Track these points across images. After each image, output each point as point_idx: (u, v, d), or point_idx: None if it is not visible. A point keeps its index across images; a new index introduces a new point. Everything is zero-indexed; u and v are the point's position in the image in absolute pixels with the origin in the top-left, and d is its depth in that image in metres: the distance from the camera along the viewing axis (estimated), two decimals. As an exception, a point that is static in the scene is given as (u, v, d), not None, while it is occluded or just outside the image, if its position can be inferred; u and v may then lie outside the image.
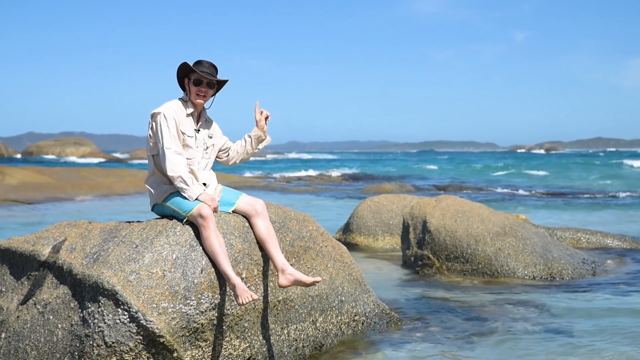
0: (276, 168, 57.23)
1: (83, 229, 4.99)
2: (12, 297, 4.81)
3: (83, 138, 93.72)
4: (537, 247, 8.75)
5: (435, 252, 8.87)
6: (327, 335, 5.36)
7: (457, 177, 41.04)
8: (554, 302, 7.07)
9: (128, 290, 4.38)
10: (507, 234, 8.80)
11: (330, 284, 5.53)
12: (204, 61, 5.02)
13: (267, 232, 4.95)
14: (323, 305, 5.40)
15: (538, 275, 8.41)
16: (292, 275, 4.77)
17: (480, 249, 8.63)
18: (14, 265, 4.94)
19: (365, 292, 5.95)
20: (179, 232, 4.76)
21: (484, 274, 8.48)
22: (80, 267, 4.58)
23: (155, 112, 4.89)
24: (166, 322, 4.39)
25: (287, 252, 5.21)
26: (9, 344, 4.60)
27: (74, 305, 4.51)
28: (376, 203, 11.44)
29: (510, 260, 8.52)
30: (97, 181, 24.71)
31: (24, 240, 5.00)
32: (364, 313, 5.78)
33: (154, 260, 4.57)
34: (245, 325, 4.78)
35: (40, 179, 23.38)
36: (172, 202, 4.85)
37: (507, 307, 6.84)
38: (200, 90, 4.98)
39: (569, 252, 9.12)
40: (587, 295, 7.48)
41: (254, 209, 5.00)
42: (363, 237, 11.09)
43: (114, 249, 4.65)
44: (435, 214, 9.11)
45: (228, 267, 4.58)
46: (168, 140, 4.80)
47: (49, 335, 4.49)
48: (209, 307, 4.58)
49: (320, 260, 5.53)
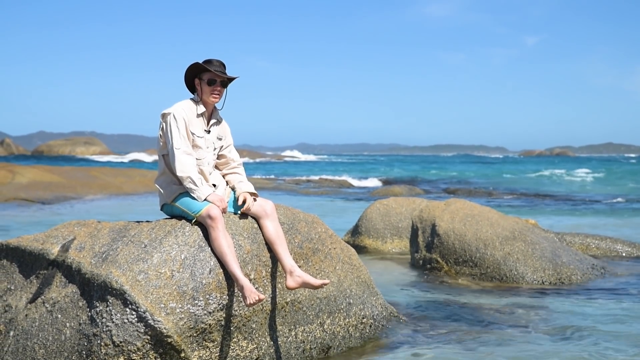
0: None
1: (92, 228, 5.00)
2: (21, 296, 4.82)
3: (93, 137, 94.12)
4: (546, 252, 8.72)
5: (444, 256, 8.84)
6: (334, 338, 5.35)
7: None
8: (563, 307, 7.04)
9: (136, 290, 4.39)
10: (516, 239, 8.76)
11: (338, 286, 5.52)
12: (214, 60, 5.02)
13: (276, 233, 4.94)
14: (331, 308, 5.39)
15: (547, 280, 8.37)
16: (300, 277, 4.76)
17: (489, 253, 8.60)
18: (23, 263, 4.95)
19: (373, 295, 5.94)
20: (188, 233, 4.76)
21: (492, 278, 8.45)
22: (89, 266, 4.59)
23: (166, 112, 4.90)
24: (174, 322, 4.39)
25: (295, 253, 5.21)
26: (17, 342, 4.61)
27: (82, 304, 4.52)
28: (385, 206, 11.42)
29: (519, 265, 8.49)
30: (106, 181, 24.78)
31: (33, 238, 5.01)
32: (372, 315, 5.77)
33: (163, 261, 4.57)
34: (253, 327, 4.78)
35: (50, 177, 23.47)
36: (181, 202, 4.85)
37: (516, 312, 6.81)
38: (215, 90, 4.99)
39: (578, 257, 9.08)
40: (597, 300, 7.44)
41: (263, 210, 5.00)
42: (372, 239, 11.07)
43: (123, 248, 4.66)
44: (444, 218, 9.09)
45: (236, 268, 4.58)
46: (178, 141, 4.80)
47: (57, 334, 4.50)
48: (217, 307, 4.58)
49: (329, 263, 5.52)
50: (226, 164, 5.23)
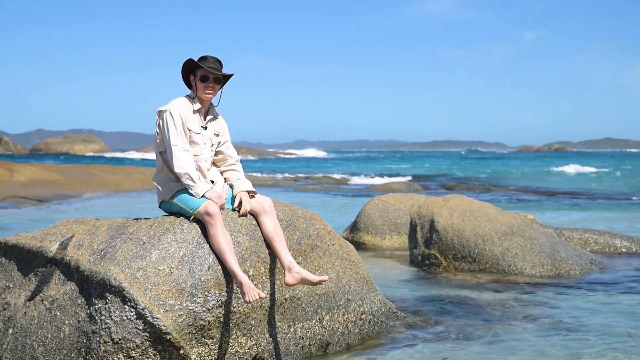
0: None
1: (91, 226, 5.00)
2: (20, 293, 4.82)
3: (92, 135, 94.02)
4: (544, 247, 8.73)
5: (443, 252, 8.85)
6: (333, 334, 5.36)
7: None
8: (561, 302, 7.05)
9: (135, 287, 4.39)
10: (514, 234, 8.77)
11: (337, 282, 5.53)
12: (209, 56, 5.02)
13: (275, 230, 4.94)
14: (330, 304, 5.39)
15: (545, 275, 8.38)
16: (298, 274, 4.77)
17: (488, 248, 8.61)
18: (21, 261, 4.95)
19: (372, 291, 5.94)
20: (186, 230, 4.76)
21: (491, 273, 8.46)
22: (88, 263, 4.58)
23: (162, 109, 4.90)
24: (173, 319, 4.39)
25: (294, 250, 5.21)
26: (16, 340, 4.61)
27: (81, 301, 4.52)
28: (384, 202, 11.42)
29: (518, 260, 8.50)
30: (105, 178, 24.76)
31: (31, 236, 5.01)
32: (371, 312, 5.77)
33: (161, 258, 4.57)
34: (252, 323, 4.78)
35: (48, 175, 23.45)
36: (179, 199, 4.85)
37: (514, 307, 6.82)
38: (207, 86, 4.98)
39: (576, 252, 9.09)
40: (595, 295, 7.45)
41: (262, 206, 5.00)
42: (370, 235, 11.07)
43: (122, 245, 4.66)
44: (442, 213, 9.09)
45: (235, 265, 4.58)
46: (175, 137, 4.80)
47: (56, 332, 4.50)
48: (216, 304, 4.58)
49: (327, 259, 5.53)
50: (224, 161, 5.22)
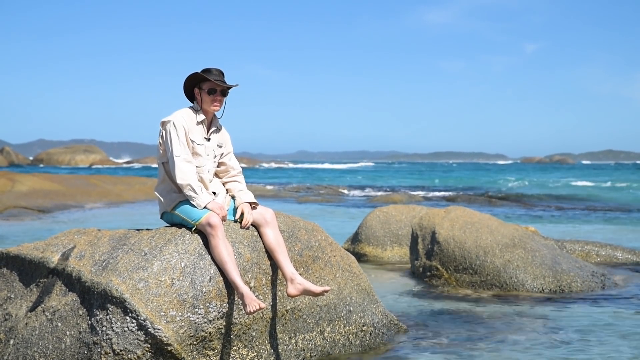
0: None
1: (92, 237, 5.01)
2: (21, 304, 4.82)
3: (93, 145, 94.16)
4: (546, 259, 8.72)
5: (444, 263, 8.84)
6: (334, 346, 5.35)
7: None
8: (563, 315, 7.04)
9: (136, 298, 4.39)
10: (516, 246, 8.76)
11: (338, 293, 5.52)
12: (213, 69, 5.04)
13: (276, 241, 4.95)
14: (331, 315, 5.39)
15: (547, 288, 8.37)
16: (300, 285, 4.77)
17: (489, 260, 8.60)
18: (23, 272, 4.95)
19: (373, 303, 5.94)
20: (188, 241, 4.76)
21: (492, 285, 8.44)
22: (89, 274, 4.59)
23: (165, 120, 4.91)
24: (174, 331, 4.39)
25: (295, 261, 5.21)
26: (17, 351, 4.61)
27: (82, 312, 4.52)
28: (385, 213, 11.42)
29: (519, 272, 8.48)
30: (106, 189, 24.78)
31: (33, 247, 5.02)
32: (372, 323, 5.77)
33: (163, 269, 4.57)
34: (253, 335, 4.78)
35: (50, 186, 23.46)
36: (181, 210, 4.86)
37: (516, 319, 6.81)
38: (215, 99, 5.00)
39: (578, 264, 9.07)
40: (596, 308, 7.44)
41: (263, 218, 5.00)
42: (371, 247, 11.06)
43: (123, 256, 4.66)
44: (444, 225, 9.09)
45: (236, 276, 4.58)
46: (177, 148, 4.82)
47: (57, 343, 4.50)
48: (217, 315, 4.58)
49: (329, 270, 5.53)
50: (226, 172, 5.24)
